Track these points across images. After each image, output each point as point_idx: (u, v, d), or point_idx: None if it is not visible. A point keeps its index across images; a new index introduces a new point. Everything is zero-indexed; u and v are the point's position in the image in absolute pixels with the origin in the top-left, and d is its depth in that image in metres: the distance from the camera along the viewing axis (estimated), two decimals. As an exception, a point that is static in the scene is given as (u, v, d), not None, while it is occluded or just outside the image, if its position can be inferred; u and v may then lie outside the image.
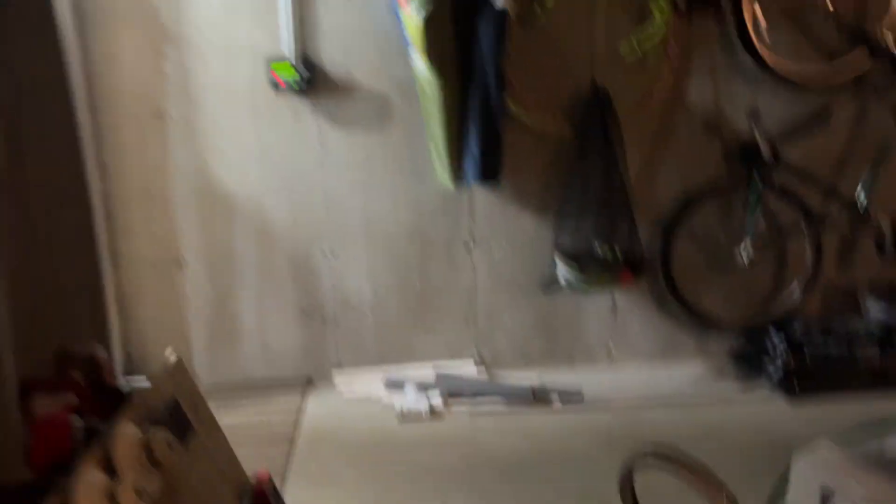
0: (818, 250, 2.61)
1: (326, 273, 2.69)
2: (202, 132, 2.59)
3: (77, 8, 2.43)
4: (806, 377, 2.44)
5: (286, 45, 2.53)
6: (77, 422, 1.01)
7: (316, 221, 2.66)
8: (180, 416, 1.15)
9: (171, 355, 1.30)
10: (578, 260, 2.52)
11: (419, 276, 2.70)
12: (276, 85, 2.52)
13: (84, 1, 2.44)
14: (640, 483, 0.91)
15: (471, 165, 2.46)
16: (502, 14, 2.39)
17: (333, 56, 2.55)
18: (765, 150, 2.47)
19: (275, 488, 1.37)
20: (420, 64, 2.43)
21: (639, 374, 2.69)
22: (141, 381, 1.38)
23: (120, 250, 2.63)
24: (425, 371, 2.63)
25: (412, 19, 2.33)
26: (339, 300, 2.70)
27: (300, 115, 2.59)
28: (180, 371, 1.28)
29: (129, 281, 2.65)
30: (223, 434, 1.32)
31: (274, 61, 2.50)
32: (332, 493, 1.99)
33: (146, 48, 2.52)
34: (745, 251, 2.57)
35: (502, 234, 2.68)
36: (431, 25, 2.30)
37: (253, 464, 1.40)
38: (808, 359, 2.45)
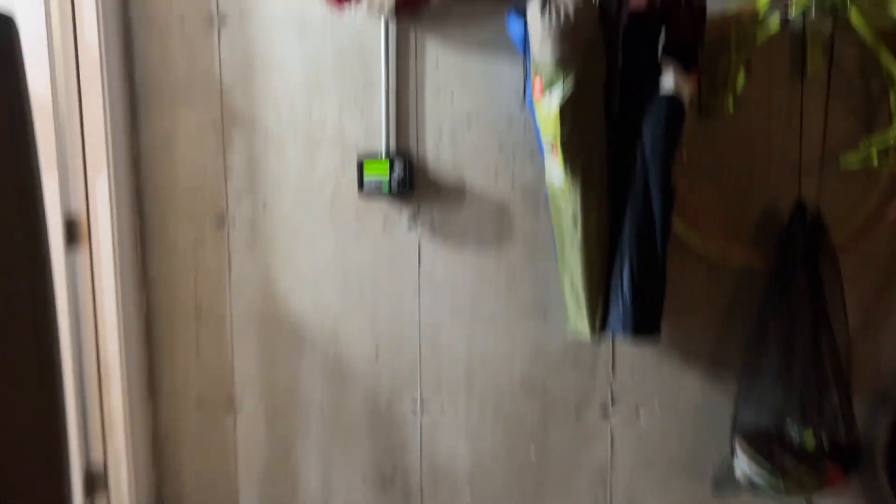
0: None
1: (414, 430, 2.51)
2: (270, 239, 2.50)
3: (128, 87, 2.43)
4: None
5: (382, 137, 2.41)
6: None
7: (405, 362, 2.49)
8: None
9: None
10: (768, 450, 2.19)
11: (536, 443, 2.46)
12: (366, 185, 2.39)
13: (138, 80, 2.43)
14: None
15: (619, 313, 2.20)
16: (674, 103, 2.14)
17: (441, 152, 2.41)
18: None
19: None
20: (554, 167, 2.22)
21: None
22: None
23: (160, 383, 2.56)
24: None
25: (547, 108, 2.13)
26: (428, 467, 2.51)
27: (394, 225, 2.45)
28: None
29: (166, 420, 2.58)
30: None
31: (366, 156, 2.39)
32: None
33: (209, 134, 2.48)
34: None
35: (654, 396, 2.40)
36: (573, 116, 2.09)
37: None
38: None
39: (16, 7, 2.07)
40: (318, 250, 2.52)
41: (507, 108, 2.39)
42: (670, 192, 2.19)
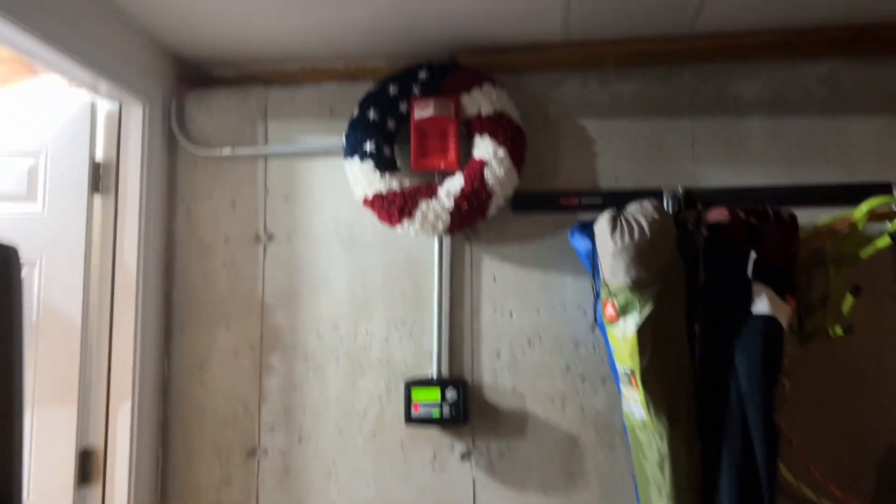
0: None
1: None
2: (304, 474, 2.28)
3: (165, 308, 2.38)
4: None
5: (433, 359, 2.26)
6: None
7: None
8: None
9: None
10: None
11: None
12: (413, 414, 2.20)
13: (176, 300, 2.39)
14: None
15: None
16: (771, 325, 1.95)
17: (499, 376, 2.24)
18: None
19: None
20: (633, 399, 2.00)
21: None
22: None
23: None
24: None
25: (622, 333, 1.96)
26: None
27: (444, 459, 2.22)
28: None
29: None
30: None
31: (414, 381, 2.22)
32: None
33: (245, 358, 2.36)
34: None
35: None
36: (653, 343, 1.91)
37: None
38: None
39: (56, 224, 2.14)
40: (358, 489, 2.28)
41: (574, 326, 2.25)
42: (774, 432, 1.93)
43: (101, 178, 2.29)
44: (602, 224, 1.98)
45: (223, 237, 2.43)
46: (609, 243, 1.94)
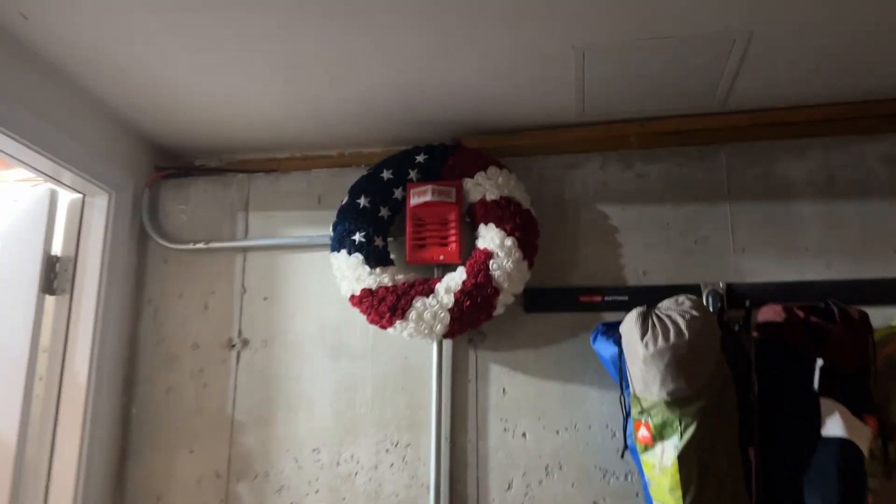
0: None
1: None
2: None
3: (120, 426, 2.14)
4: None
5: (430, 490, 1.98)
6: None
7: None
8: None
9: None
10: None
11: None
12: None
13: (134, 417, 2.15)
14: None
15: None
16: (848, 451, 1.64)
17: (512, 517, 1.90)
18: None
19: None
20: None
21: None
22: None
23: None
24: None
25: (659, 460, 1.65)
26: None
27: None
28: None
29: None
30: None
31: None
32: None
33: (209, 489, 2.08)
34: None
35: None
36: (698, 471, 1.61)
37: None
38: None
39: (2, 323, 1.96)
40: None
41: (601, 451, 1.94)
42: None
43: (56, 276, 2.12)
44: (630, 324, 1.72)
45: (192, 343, 2.22)
46: (639, 348, 1.67)
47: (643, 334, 1.64)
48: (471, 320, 1.95)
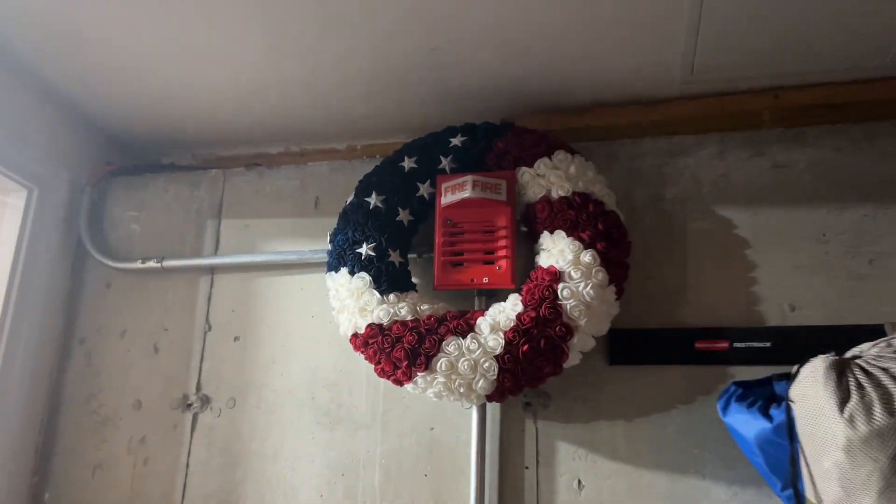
0: None
1: None
2: None
3: None
4: None
5: None
6: None
7: None
8: None
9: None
10: None
11: None
12: None
13: None
14: None
15: None
16: None
17: None
18: None
19: None
20: None
21: None
22: None
23: None
24: None
25: None
26: None
27: None
28: None
29: None
30: None
31: None
32: None
33: None
34: None
35: None
36: None
37: None
38: None
39: None
40: None
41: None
42: None
43: (-54, 301, 1.52)
44: (813, 383, 1.06)
45: (133, 400, 1.64)
46: (835, 425, 0.99)
47: (842, 401, 0.95)
48: (529, 374, 1.32)
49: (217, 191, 1.76)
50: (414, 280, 1.50)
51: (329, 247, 1.52)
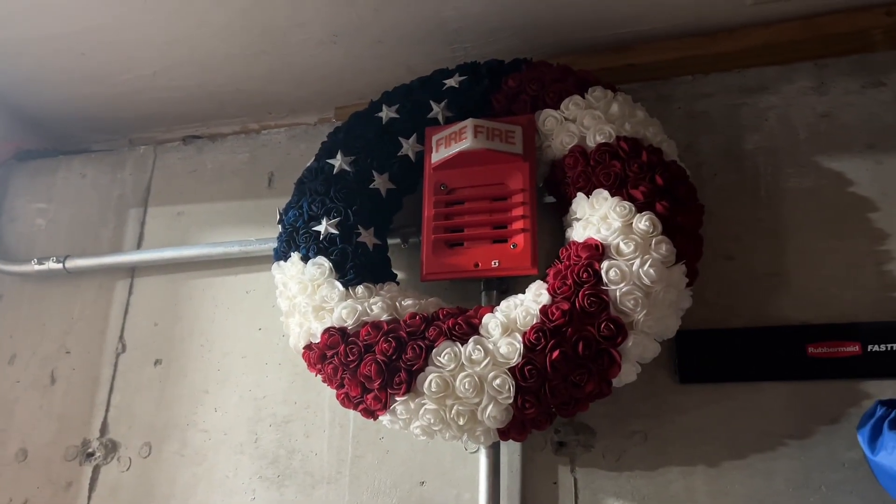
0: None
1: None
2: None
3: None
4: None
5: None
6: None
7: None
8: None
9: None
10: None
11: None
12: None
13: None
14: None
15: None
16: None
17: None
18: None
19: None
20: None
21: None
22: None
23: None
24: None
25: None
26: None
27: None
28: None
29: None
30: None
31: None
32: None
33: None
34: None
35: None
36: None
37: None
38: None
39: None
40: None
41: None
42: None
43: None
44: None
45: (17, 449, 1.27)
46: None
47: None
48: (562, 396, 0.93)
49: (145, 172, 1.38)
50: (396, 272, 1.08)
51: (279, 226, 1.12)
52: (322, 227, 1.06)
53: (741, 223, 1.07)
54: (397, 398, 0.93)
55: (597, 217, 0.98)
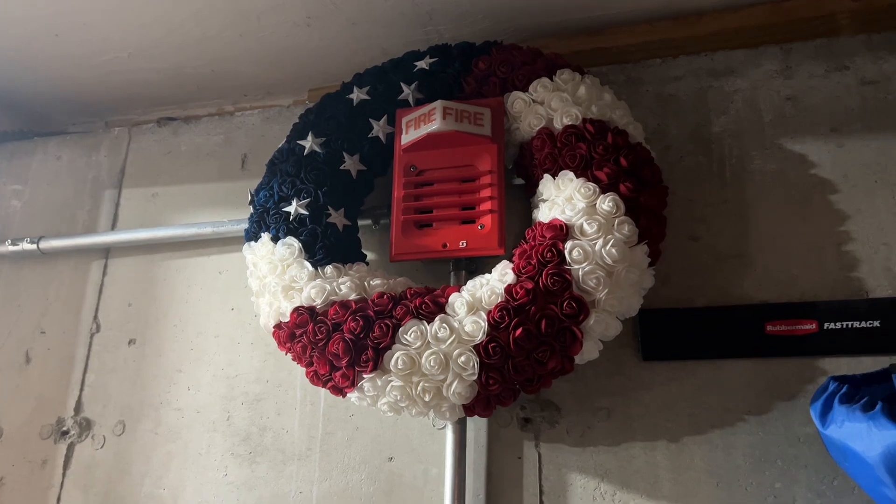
0: None
1: None
2: None
3: None
4: None
5: None
6: None
7: None
8: None
9: None
10: None
11: None
12: None
13: None
14: None
15: None
16: None
17: None
18: None
19: None
20: None
21: None
22: None
23: None
24: None
25: None
26: None
27: None
28: None
29: None
30: None
31: None
32: None
33: None
34: None
35: None
36: None
37: None
38: None
39: None
40: None
41: None
42: None
43: None
44: None
45: None
46: None
47: None
48: (526, 372, 0.93)
49: (120, 154, 1.39)
50: (367, 253, 1.10)
51: (250, 207, 1.13)
52: (292, 208, 1.08)
53: (707, 205, 1.09)
54: (365, 375, 0.95)
55: (562, 198, 1.00)
